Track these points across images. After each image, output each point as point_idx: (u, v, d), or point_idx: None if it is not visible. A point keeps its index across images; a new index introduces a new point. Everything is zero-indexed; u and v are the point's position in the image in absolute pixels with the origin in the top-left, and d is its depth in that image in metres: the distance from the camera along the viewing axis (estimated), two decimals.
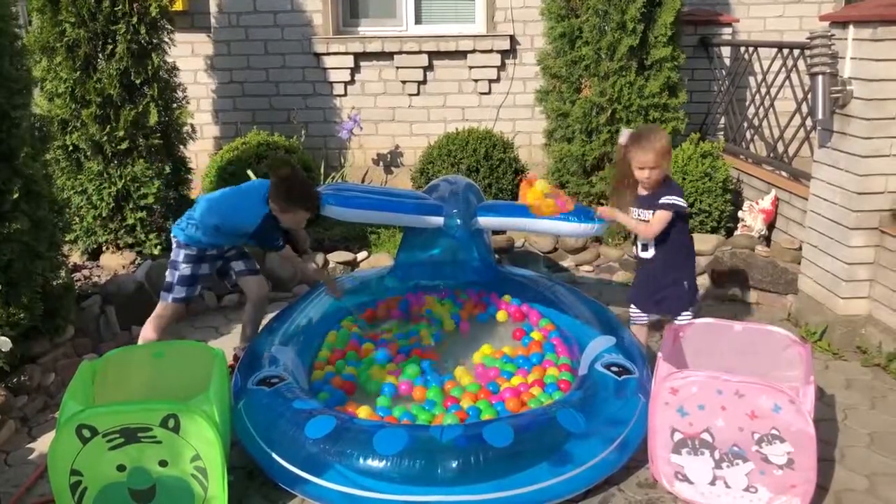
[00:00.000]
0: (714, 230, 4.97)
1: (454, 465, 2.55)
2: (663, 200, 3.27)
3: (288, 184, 3.44)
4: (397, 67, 6.10)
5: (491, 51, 6.05)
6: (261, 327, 3.75)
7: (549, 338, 3.69)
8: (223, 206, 3.50)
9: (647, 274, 3.46)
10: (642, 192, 3.36)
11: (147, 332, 3.52)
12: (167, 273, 3.58)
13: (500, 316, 3.92)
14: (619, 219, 3.40)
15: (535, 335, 3.72)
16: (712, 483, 2.66)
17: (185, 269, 3.53)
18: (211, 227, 3.47)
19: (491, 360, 3.50)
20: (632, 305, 3.59)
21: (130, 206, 4.69)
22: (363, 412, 3.00)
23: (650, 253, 3.39)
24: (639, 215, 3.36)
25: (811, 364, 2.80)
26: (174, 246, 3.56)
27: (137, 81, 4.60)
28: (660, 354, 2.85)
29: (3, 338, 3.15)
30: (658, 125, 3.65)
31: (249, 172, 3.86)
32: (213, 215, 3.47)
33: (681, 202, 3.28)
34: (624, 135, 3.35)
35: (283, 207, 3.43)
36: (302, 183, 3.57)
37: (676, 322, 3.27)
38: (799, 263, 4.31)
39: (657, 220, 3.29)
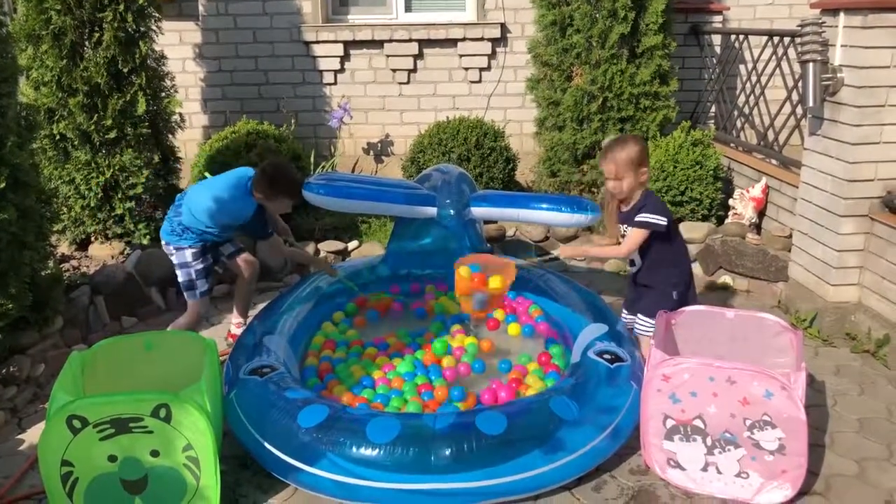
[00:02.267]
0: (705, 218, 4.98)
1: (447, 452, 2.54)
2: (638, 218, 3.13)
3: (274, 172, 3.55)
4: (387, 56, 6.06)
5: (481, 39, 6.02)
6: (250, 310, 3.90)
7: (536, 322, 3.72)
8: (212, 204, 3.55)
9: (633, 283, 3.36)
10: (624, 206, 3.22)
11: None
12: (180, 274, 3.65)
13: (499, 314, 3.82)
14: (590, 253, 3.28)
15: (512, 330, 3.70)
16: (704, 469, 2.67)
17: (197, 264, 3.63)
18: (201, 226, 3.58)
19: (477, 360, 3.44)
20: (625, 314, 3.53)
21: (119, 195, 4.65)
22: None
23: (636, 266, 3.30)
24: (623, 231, 3.24)
25: (802, 351, 2.81)
26: (173, 249, 3.64)
27: (125, 70, 4.55)
28: (652, 342, 2.86)
29: None
30: (635, 135, 3.47)
31: (206, 175, 3.95)
32: (201, 214, 3.55)
33: (654, 219, 3.09)
34: (606, 140, 3.28)
35: (267, 195, 3.54)
36: (287, 171, 3.66)
37: (638, 327, 3.26)
38: (789, 251, 4.32)
39: (629, 238, 3.15)
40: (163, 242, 3.69)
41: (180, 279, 3.67)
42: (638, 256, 3.24)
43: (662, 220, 3.11)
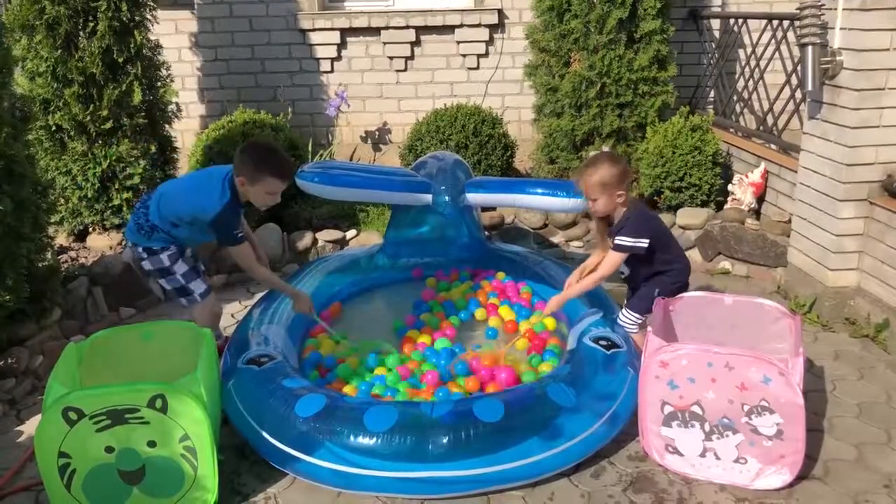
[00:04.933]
0: (704, 204, 4.95)
1: (445, 440, 2.54)
2: (616, 241, 3.06)
3: (257, 149, 3.14)
4: (384, 43, 6.02)
5: (479, 25, 5.98)
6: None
7: (533, 305, 3.74)
8: (180, 195, 3.23)
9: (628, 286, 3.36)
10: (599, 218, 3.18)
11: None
12: (165, 283, 3.32)
13: (479, 314, 3.76)
14: (572, 294, 3.22)
15: (504, 313, 3.72)
16: (702, 455, 2.67)
17: (179, 266, 3.30)
18: (167, 224, 3.21)
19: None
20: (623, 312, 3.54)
21: (116, 186, 4.64)
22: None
23: (624, 274, 3.28)
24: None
25: (800, 336, 2.81)
26: (143, 253, 3.27)
27: (120, 60, 4.52)
28: (649, 328, 2.85)
29: None
30: (613, 154, 3.35)
31: None
32: (169, 209, 3.19)
33: (631, 242, 3.03)
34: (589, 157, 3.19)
35: (251, 177, 3.05)
36: (272, 147, 3.24)
37: (620, 320, 3.26)
38: (788, 236, 4.30)
39: (606, 262, 3.11)
40: (129, 244, 3.31)
41: (168, 287, 3.31)
42: (625, 266, 3.20)
43: (642, 243, 3.04)
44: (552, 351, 3.35)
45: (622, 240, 3.06)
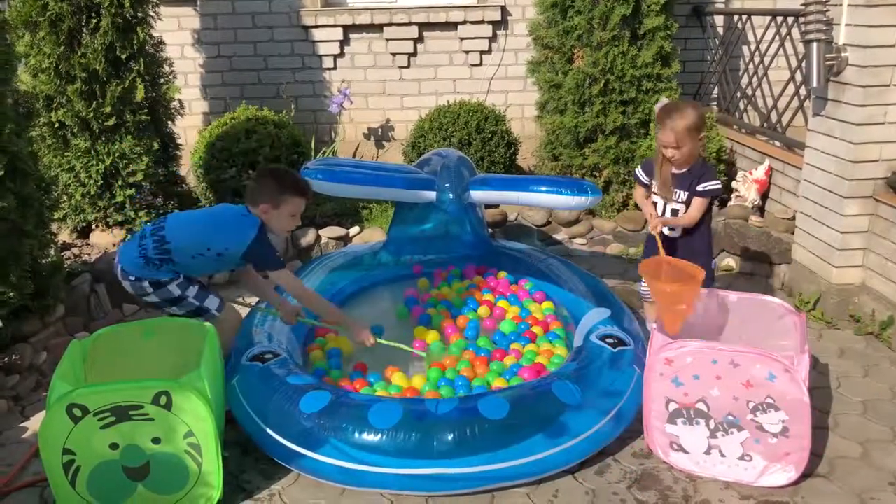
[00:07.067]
0: None
1: (449, 437, 2.54)
2: (700, 188, 3.17)
3: (274, 172, 3.20)
4: (387, 39, 6.01)
5: (482, 22, 5.97)
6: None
7: (531, 294, 3.80)
8: (200, 227, 3.15)
9: (665, 251, 3.24)
10: (676, 168, 3.23)
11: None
12: (177, 309, 3.15)
13: (482, 311, 3.73)
14: (669, 222, 3.24)
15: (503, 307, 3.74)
16: (707, 452, 2.67)
17: (191, 291, 3.15)
18: (187, 258, 3.09)
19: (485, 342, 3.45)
20: (642, 283, 3.55)
21: (119, 183, 4.64)
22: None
23: (676, 232, 3.29)
24: (677, 195, 3.24)
25: (805, 333, 2.80)
26: (148, 287, 3.10)
27: (123, 56, 4.52)
28: (654, 326, 2.84)
29: None
30: (692, 101, 3.42)
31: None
32: (191, 241, 3.09)
33: (716, 185, 3.20)
34: (659, 104, 3.25)
35: (275, 201, 3.06)
36: (286, 169, 3.31)
37: None
38: (793, 233, 4.29)
39: (696, 208, 3.20)
40: (130, 278, 3.10)
41: (180, 312, 3.16)
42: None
43: (720, 186, 3.25)
44: (555, 333, 3.35)
45: (708, 184, 3.17)
